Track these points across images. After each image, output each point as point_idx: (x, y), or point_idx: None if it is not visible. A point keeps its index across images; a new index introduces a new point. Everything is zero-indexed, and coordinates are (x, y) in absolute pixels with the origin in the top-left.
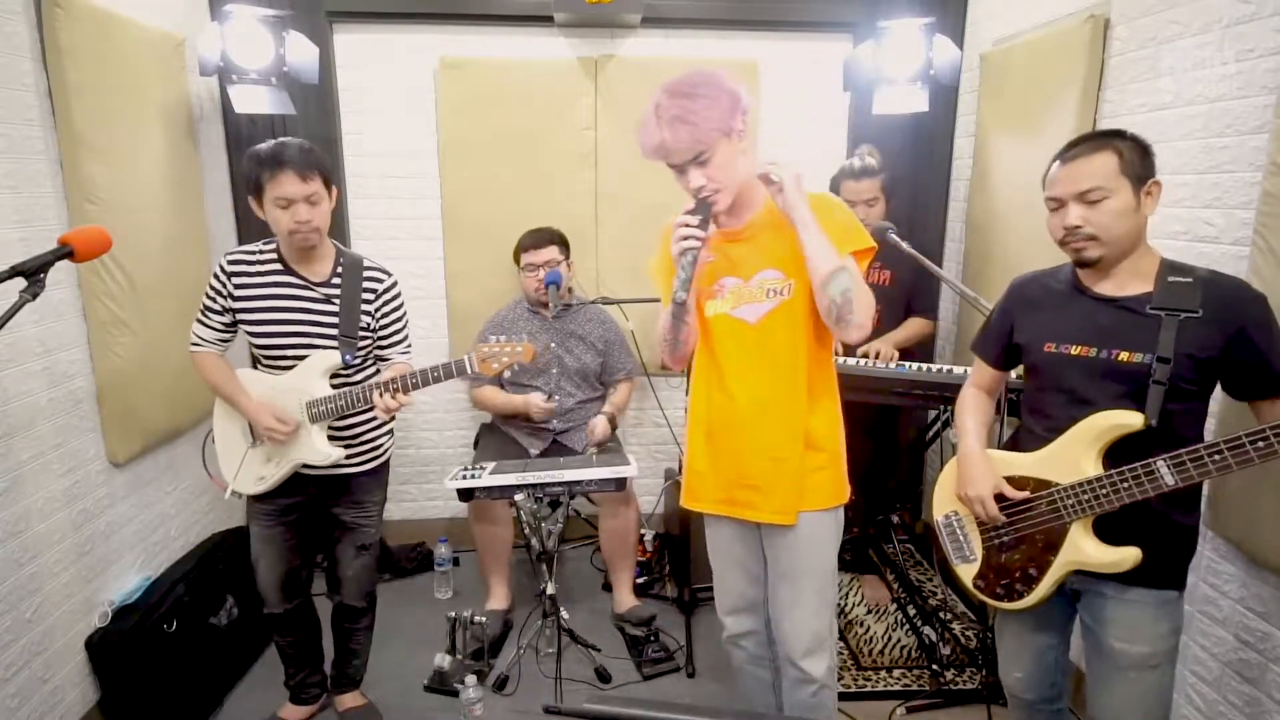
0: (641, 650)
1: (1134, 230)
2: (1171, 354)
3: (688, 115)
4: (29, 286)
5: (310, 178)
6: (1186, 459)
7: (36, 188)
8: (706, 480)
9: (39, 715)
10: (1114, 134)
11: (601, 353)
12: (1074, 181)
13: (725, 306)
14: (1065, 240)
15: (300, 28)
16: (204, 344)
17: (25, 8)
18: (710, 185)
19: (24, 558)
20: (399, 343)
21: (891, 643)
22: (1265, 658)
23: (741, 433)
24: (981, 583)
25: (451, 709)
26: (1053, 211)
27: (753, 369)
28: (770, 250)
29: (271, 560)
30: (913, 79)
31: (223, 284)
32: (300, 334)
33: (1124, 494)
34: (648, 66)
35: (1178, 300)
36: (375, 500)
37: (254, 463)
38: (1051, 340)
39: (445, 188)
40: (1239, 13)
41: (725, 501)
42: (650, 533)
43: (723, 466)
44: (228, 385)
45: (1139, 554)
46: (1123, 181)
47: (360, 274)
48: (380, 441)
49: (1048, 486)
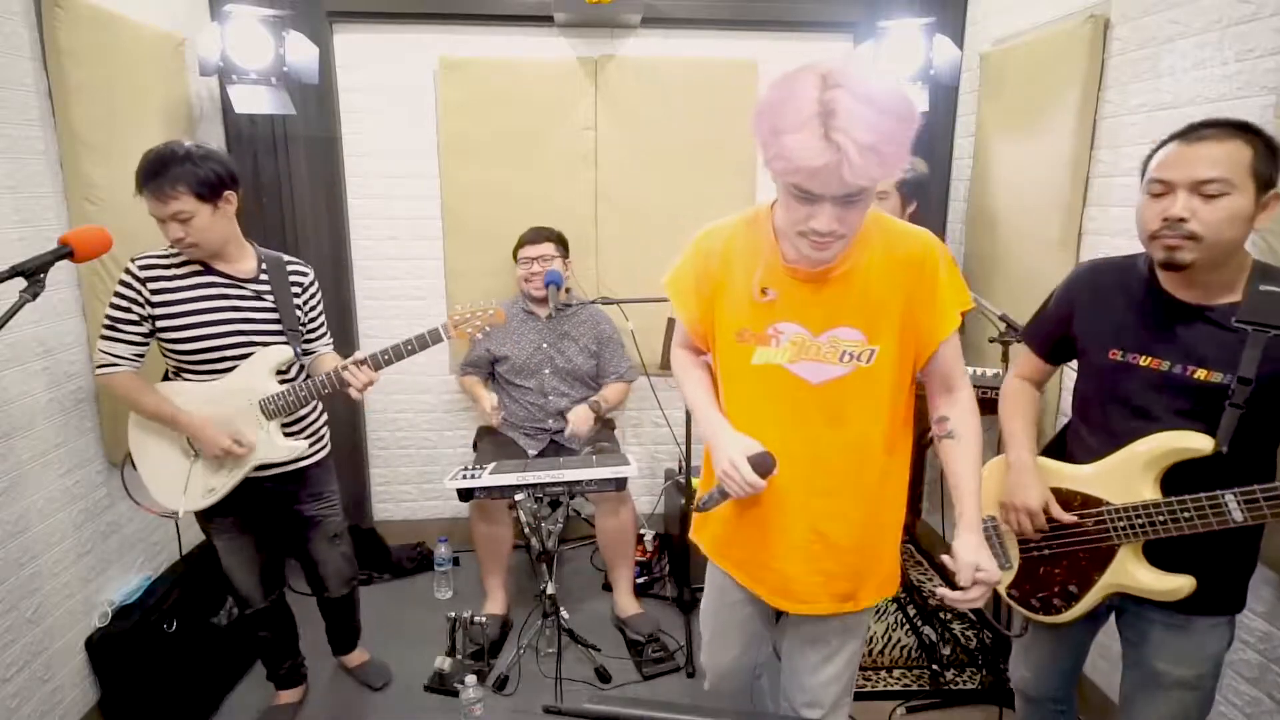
0: (641, 650)
1: (1240, 239)
2: (1254, 375)
3: (884, 144)
4: (29, 286)
5: (169, 197)
6: (1260, 496)
7: (36, 188)
8: (720, 535)
9: (39, 715)
10: (1245, 126)
11: (595, 354)
12: (1194, 166)
13: (781, 358)
14: (1159, 233)
15: (300, 28)
16: (120, 362)
17: (25, 8)
18: (839, 229)
19: (24, 558)
20: (325, 334)
21: (891, 643)
22: (1265, 658)
23: (778, 512)
24: (1016, 593)
25: (451, 709)
26: (1154, 197)
27: (807, 439)
28: (851, 302)
29: (245, 564)
30: (913, 79)
31: (137, 291)
32: (238, 333)
33: (1184, 524)
34: (648, 66)
35: (1268, 313)
36: (332, 489)
37: (201, 475)
38: (1118, 346)
39: (445, 188)
40: (1239, 13)
41: (748, 573)
42: (650, 533)
43: (749, 535)
44: (157, 404)
45: (1193, 583)
46: (1248, 181)
47: (284, 269)
48: (323, 431)
49: (1098, 503)
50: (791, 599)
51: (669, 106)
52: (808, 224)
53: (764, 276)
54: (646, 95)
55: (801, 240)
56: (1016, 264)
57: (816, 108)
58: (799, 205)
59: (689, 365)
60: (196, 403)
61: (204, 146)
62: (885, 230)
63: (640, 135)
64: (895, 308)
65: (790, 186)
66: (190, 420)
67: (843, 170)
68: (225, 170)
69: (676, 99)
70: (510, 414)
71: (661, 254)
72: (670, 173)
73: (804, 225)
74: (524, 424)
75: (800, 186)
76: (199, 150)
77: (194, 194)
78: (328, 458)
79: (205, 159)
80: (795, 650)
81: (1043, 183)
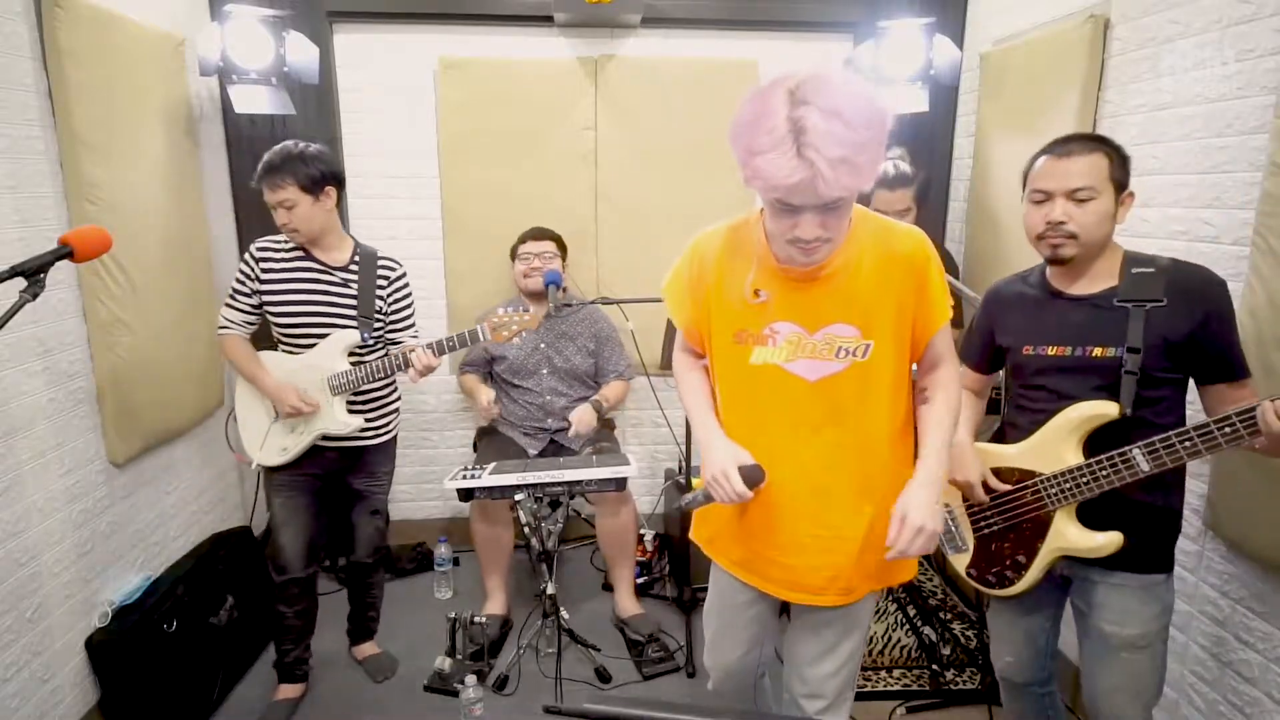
0: (641, 650)
1: (1108, 235)
2: (1141, 343)
3: (855, 155)
4: (29, 286)
5: (279, 187)
6: (1159, 445)
7: (36, 188)
8: (724, 535)
9: (39, 715)
10: (1100, 139)
11: (593, 353)
12: (1066, 177)
13: (778, 357)
14: (1044, 234)
15: (300, 28)
16: (232, 326)
17: (25, 8)
18: (824, 234)
19: (24, 558)
20: (409, 326)
21: (891, 643)
22: (1265, 658)
23: (781, 509)
24: (974, 571)
25: (451, 709)
26: (1036, 204)
27: (807, 436)
28: (845, 299)
29: (296, 527)
30: (913, 79)
31: (251, 269)
32: (321, 314)
33: (1103, 481)
34: (648, 66)
35: (1142, 291)
36: (386, 471)
37: (277, 435)
38: (1029, 343)
39: (445, 188)
40: (1239, 13)
41: (751, 569)
42: (650, 532)
43: (752, 533)
44: (251, 366)
45: (1120, 538)
46: (1109, 186)
47: (375, 263)
48: (390, 418)
49: (1032, 476)
50: (799, 590)
51: (669, 106)
52: (793, 232)
53: (756, 278)
54: (646, 95)
55: (790, 247)
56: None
57: (787, 126)
58: (783, 216)
59: (687, 369)
60: (282, 371)
61: (316, 146)
62: (875, 228)
63: (640, 135)
64: (888, 303)
65: (772, 200)
66: (267, 381)
67: (817, 185)
68: (329, 169)
69: (676, 99)
70: (509, 414)
71: (661, 254)
72: (670, 173)
73: (790, 234)
74: (523, 424)
75: (780, 200)
76: (311, 150)
77: (299, 185)
78: (390, 442)
79: (314, 158)
80: (797, 640)
81: None
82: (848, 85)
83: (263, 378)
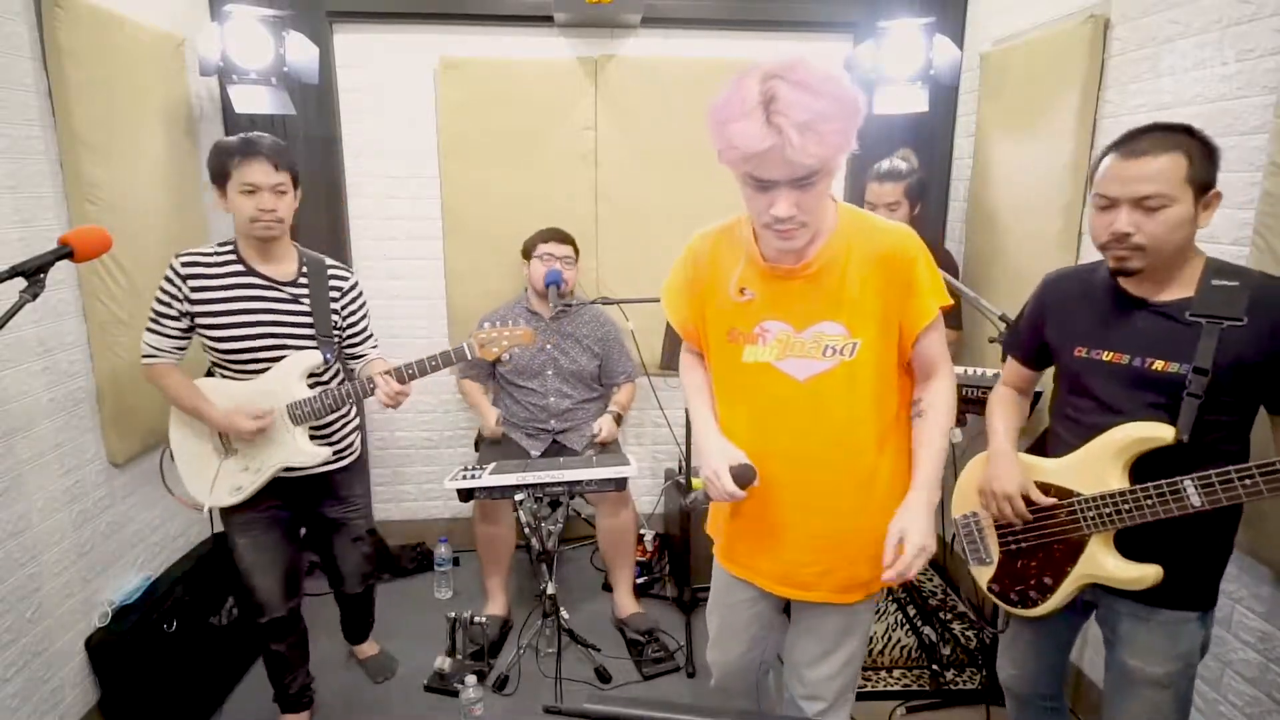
0: (641, 650)
1: (1186, 242)
2: (1210, 365)
3: (819, 123)
4: (29, 286)
5: (281, 169)
6: (1215, 480)
7: (36, 188)
8: (725, 535)
9: (39, 715)
10: (1183, 130)
11: (598, 355)
12: (1133, 183)
13: (769, 355)
14: (1108, 245)
15: (300, 28)
16: (160, 354)
17: (25, 8)
18: (799, 217)
19: (24, 558)
20: (367, 338)
21: (891, 643)
22: (1265, 658)
23: (776, 507)
24: (996, 587)
25: (451, 709)
26: (1100, 210)
27: (797, 434)
28: (831, 297)
29: (267, 565)
30: (913, 79)
31: (177, 286)
32: (271, 335)
33: (1147, 511)
34: (648, 66)
35: (1220, 306)
36: (359, 494)
37: (230, 474)
38: (1083, 344)
39: (445, 188)
40: (1239, 13)
41: (745, 565)
42: (650, 532)
43: (749, 531)
44: (190, 397)
45: (1160, 573)
46: (1186, 190)
47: (325, 273)
48: (353, 436)
49: (1070, 495)
50: (791, 585)
51: (669, 106)
52: (769, 212)
53: (742, 276)
54: (646, 95)
55: (768, 232)
56: (1016, 264)
57: (758, 96)
58: (758, 195)
59: (690, 368)
60: (229, 401)
61: None
62: (861, 226)
63: (640, 135)
64: (874, 301)
65: (745, 176)
66: (212, 413)
67: (786, 151)
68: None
69: (676, 99)
70: (511, 414)
71: (661, 254)
72: (670, 173)
73: (766, 215)
74: (525, 424)
75: (753, 175)
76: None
77: (292, 176)
78: (356, 462)
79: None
80: (796, 641)
81: (1042, 183)
82: (819, 67)
83: (206, 409)
